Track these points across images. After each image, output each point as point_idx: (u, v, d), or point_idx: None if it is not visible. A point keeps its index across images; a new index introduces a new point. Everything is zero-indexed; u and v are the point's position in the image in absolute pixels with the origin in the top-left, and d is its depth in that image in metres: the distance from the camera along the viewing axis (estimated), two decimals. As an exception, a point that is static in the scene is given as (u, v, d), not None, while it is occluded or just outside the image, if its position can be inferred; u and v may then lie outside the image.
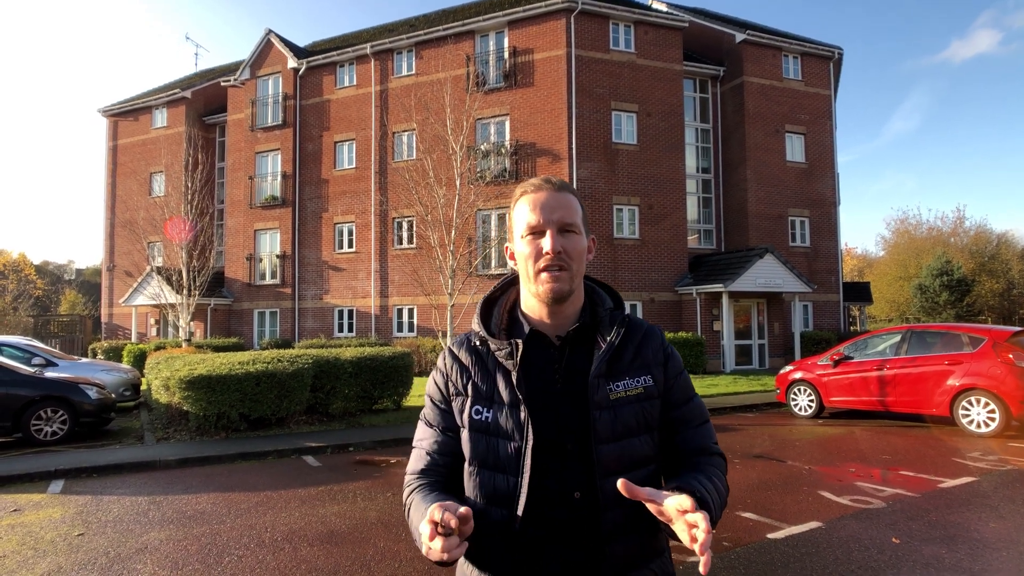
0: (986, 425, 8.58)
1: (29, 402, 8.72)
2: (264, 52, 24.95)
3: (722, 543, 4.60)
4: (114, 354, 21.76)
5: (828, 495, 5.86)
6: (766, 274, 18.73)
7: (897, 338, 10.14)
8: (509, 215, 1.42)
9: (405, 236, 21.67)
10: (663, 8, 22.36)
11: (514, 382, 1.28)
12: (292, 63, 24.06)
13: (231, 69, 28.34)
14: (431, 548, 1.07)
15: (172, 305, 19.40)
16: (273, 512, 5.59)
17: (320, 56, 23.74)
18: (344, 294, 22.75)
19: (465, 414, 1.33)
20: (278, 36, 24.77)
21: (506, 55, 20.51)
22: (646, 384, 1.32)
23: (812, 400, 10.81)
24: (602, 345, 1.32)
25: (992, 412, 8.55)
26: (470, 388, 1.34)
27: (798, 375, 11.13)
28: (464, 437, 1.33)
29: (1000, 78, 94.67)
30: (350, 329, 22.57)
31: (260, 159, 24.72)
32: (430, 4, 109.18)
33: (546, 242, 1.29)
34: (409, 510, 1.30)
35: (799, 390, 11.06)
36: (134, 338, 24.89)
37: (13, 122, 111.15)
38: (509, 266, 1.44)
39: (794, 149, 22.48)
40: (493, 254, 19.34)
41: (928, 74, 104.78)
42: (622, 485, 1.09)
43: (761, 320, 20.64)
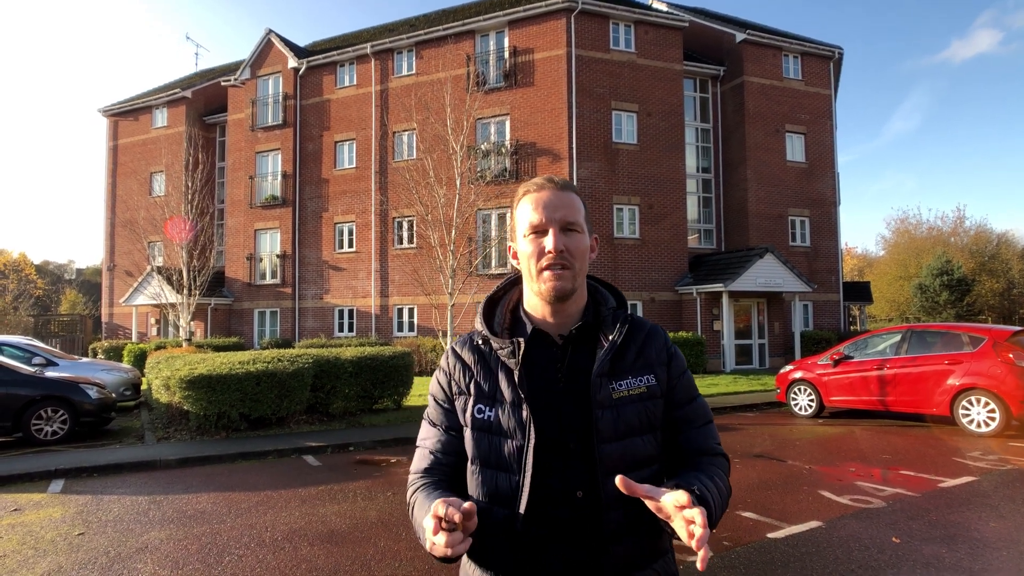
0: (986, 425, 8.59)
1: (29, 402, 8.73)
2: (264, 52, 24.94)
3: (722, 542, 4.60)
4: (114, 354, 21.75)
5: (828, 495, 5.86)
6: (766, 274, 18.73)
7: (897, 338, 10.14)
8: (511, 214, 1.42)
9: (405, 236, 21.67)
10: (663, 8, 22.35)
11: (516, 381, 1.28)
12: (292, 63, 24.06)
13: (231, 69, 28.33)
14: (435, 543, 1.06)
15: (172, 305, 19.42)
16: (273, 512, 5.59)
17: (320, 56, 23.73)
18: (344, 294, 22.75)
19: (468, 413, 1.33)
20: (278, 36, 24.77)
21: (506, 55, 20.50)
22: (649, 383, 1.32)
23: (812, 400, 10.82)
24: (605, 344, 1.31)
25: (992, 412, 8.55)
26: (473, 387, 1.34)
27: (798, 375, 11.13)
28: (467, 436, 1.33)
29: (1000, 78, 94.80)
30: (350, 329, 22.57)
31: (260, 159, 24.72)
32: (430, 4, 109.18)
33: (549, 241, 1.29)
34: (413, 508, 1.30)
35: (799, 390, 11.06)
36: (134, 338, 24.89)
37: (13, 122, 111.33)
38: (511, 265, 1.44)
39: (794, 149, 22.48)
40: (493, 254, 19.34)
41: (928, 74, 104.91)
42: (620, 481, 1.08)
43: (761, 320, 20.64)
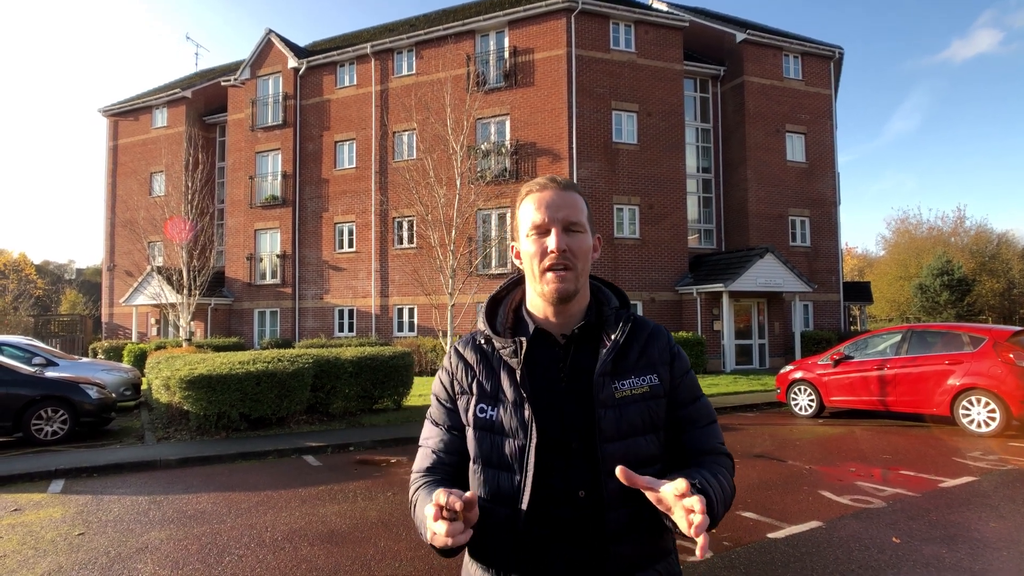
0: (986, 425, 8.58)
1: (30, 402, 8.72)
2: (264, 52, 24.94)
3: (722, 542, 4.60)
4: (114, 354, 21.74)
5: (828, 495, 5.86)
6: (766, 274, 18.72)
7: (897, 338, 10.13)
8: (514, 214, 1.41)
9: (405, 236, 21.67)
10: (663, 8, 22.34)
11: (518, 380, 1.28)
12: (292, 63, 24.05)
13: (231, 69, 28.33)
14: (435, 533, 1.04)
15: (172, 305, 19.41)
16: (273, 512, 5.59)
17: (320, 56, 23.73)
18: (344, 294, 22.74)
19: (470, 412, 1.33)
20: (278, 36, 24.76)
21: (506, 55, 20.50)
22: (652, 383, 1.31)
23: (812, 400, 10.81)
24: (607, 344, 1.31)
25: (992, 412, 8.55)
26: (475, 387, 1.34)
27: (798, 375, 11.13)
28: (469, 435, 1.33)
29: (1000, 78, 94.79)
30: (350, 329, 22.57)
31: (260, 159, 24.71)
32: (430, 4, 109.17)
33: (551, 241, 1.29)
34: (414, 506, 1.30)
35: (799, 390, 11.06)
36: (134, 338, 24.89)
37: (13, 122, 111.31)
38: (512, 265, 1.44)
39: (794, 149, 22.47)
40: (493, 254, 19.33)
41: (928, 74, 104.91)
42: (621, 471, 1.07)
43: (761, 320, 20.64)
